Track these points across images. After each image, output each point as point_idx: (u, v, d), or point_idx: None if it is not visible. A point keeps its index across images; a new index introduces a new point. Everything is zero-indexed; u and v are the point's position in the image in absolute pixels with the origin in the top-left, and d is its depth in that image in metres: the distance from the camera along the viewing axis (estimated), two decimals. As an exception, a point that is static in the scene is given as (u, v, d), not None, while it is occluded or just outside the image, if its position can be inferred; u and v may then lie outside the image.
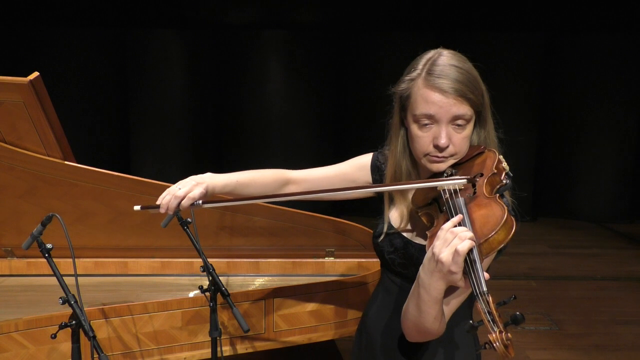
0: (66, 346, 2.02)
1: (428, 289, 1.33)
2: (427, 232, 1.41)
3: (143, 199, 2.52)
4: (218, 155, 7.16)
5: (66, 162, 2.41)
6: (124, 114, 6.93)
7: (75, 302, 1.73)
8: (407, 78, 1.53)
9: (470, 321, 1.21)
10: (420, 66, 1.50)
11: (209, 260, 2.15)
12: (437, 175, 1.53)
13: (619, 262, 5.85)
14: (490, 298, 1.19)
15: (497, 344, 1.15)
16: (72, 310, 1.73)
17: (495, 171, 1.43)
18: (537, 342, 4.13)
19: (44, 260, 1.76)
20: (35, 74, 2.19)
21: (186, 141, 6.95)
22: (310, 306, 2.47)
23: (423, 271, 1.34)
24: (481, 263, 1.24)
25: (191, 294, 2.50)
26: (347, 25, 7.07)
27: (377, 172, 1.72)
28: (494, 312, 1.17)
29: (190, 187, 1.64)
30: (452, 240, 1.25)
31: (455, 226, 1.28)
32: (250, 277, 2.76)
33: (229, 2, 7.14)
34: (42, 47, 6.39)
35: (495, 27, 6.89)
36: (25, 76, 2.17)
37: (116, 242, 2.70)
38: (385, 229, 1.63)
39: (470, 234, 1.25)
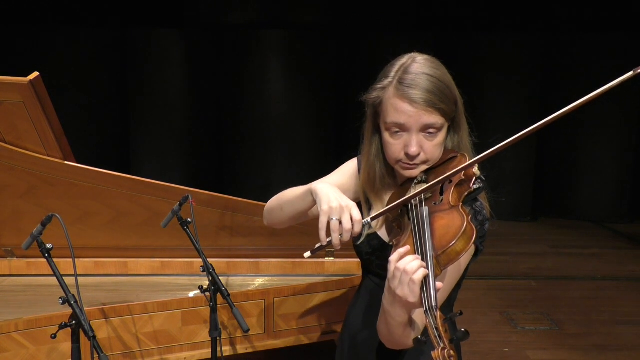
0: (66, 346, 2.01)
1: (393, 317, 1.34)
2: (393, 241, 1.41)
3: (143, 199, 2.53)
4: (218, 156, 7.16)
5: (66, 162, 2.40)
6: (124, 113, 6.93)
7: (75, 302, 1.73)
8: (379, 86, 1.55)
9: (418, 336, 1.19)
10: (392, 74, 1.53)
11: (209, 260, 2.15)
12: (410, 180, 1.55)
13: (619, 262, 5.85)
14: (439, 313, 1.18)
15: None
16: (72, 310, 1.73)
17: (464, 177, 1.44)
18: (537, 342, 4.13)
19: (44, 260, 1.76)
20: (35, 74, 2.19)
21: (186, 141, 6.95)
22: (311, 306, 2.47)
23: (385, 300, 1.35)
24: (434, 277, 1.23)
25: (191, 294, 2.49)
26: (347, 25, 7.07)
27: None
28: (440, 327, 1.15)
29: (346, 214, 1.42)
30: (401, 277, 1.24)
31: (402, 257, 1.27)
32: (250, 277, 2.76)
33: (229, 2, 7.14)
34: (42, 47, 6.38)
35: (495, 27, 6.89)
36: (25, 76, 2.17)
37: (116, 242, 2.70)
38: (364, 232, 1.63)
39: (418, 263, 1.24)
